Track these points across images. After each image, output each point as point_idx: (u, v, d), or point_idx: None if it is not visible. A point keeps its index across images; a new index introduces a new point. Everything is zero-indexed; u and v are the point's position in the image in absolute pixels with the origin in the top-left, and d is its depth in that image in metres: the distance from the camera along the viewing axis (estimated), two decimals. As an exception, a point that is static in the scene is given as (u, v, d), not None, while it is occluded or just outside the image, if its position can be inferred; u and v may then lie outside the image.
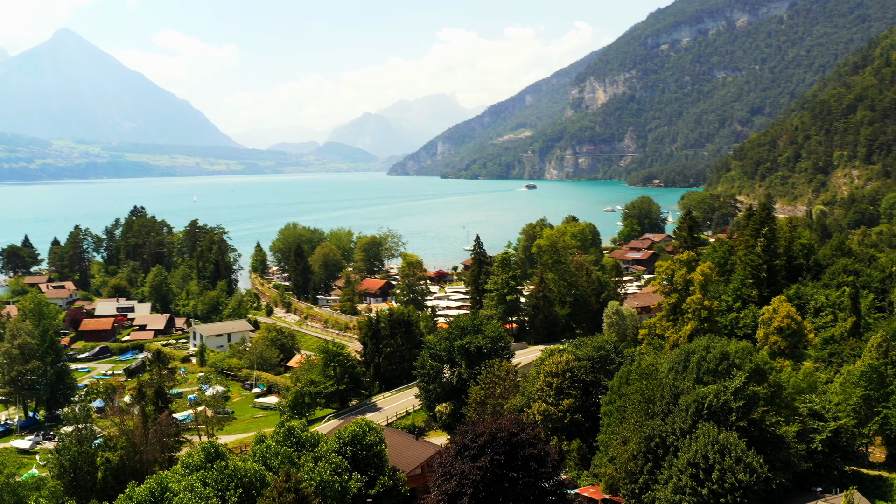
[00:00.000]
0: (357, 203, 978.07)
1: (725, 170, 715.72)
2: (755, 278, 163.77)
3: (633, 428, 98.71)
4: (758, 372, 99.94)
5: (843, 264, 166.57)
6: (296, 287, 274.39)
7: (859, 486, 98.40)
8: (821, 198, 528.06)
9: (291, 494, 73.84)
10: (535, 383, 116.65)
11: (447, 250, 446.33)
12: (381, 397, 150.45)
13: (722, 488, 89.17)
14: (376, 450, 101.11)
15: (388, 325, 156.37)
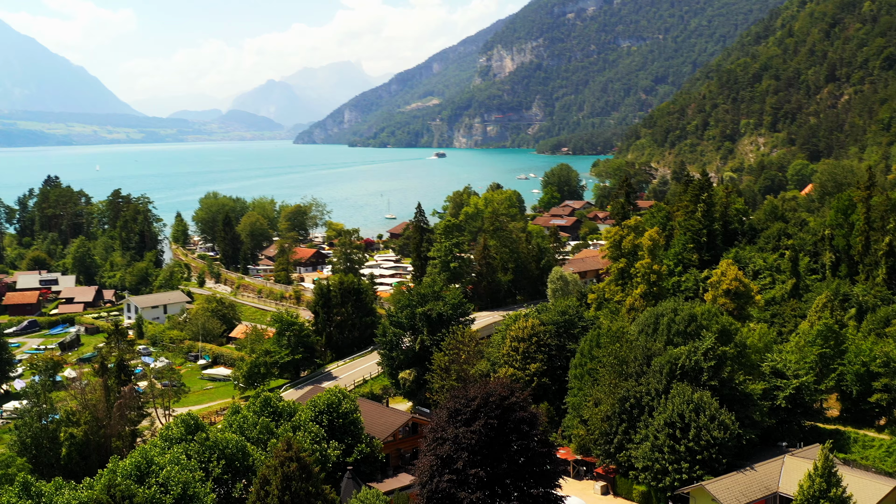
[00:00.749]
0: (268, 172, 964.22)
1: (635, 137, 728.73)
2: (695, 243, 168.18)
3: (606, 390, 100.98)
4: (724, 332, 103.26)
5: (777, 228, 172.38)
6: (224, 257, 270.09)
7: (819, 441, 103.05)
8: (729, 164, 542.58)
9: (294, 463, 73.41)
10: (500, 348, 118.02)
11: (368, 219, 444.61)
12: (335, 366, 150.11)
13: (698, 445, 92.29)
14: (352, 417, 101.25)
15: (338, 293, 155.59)
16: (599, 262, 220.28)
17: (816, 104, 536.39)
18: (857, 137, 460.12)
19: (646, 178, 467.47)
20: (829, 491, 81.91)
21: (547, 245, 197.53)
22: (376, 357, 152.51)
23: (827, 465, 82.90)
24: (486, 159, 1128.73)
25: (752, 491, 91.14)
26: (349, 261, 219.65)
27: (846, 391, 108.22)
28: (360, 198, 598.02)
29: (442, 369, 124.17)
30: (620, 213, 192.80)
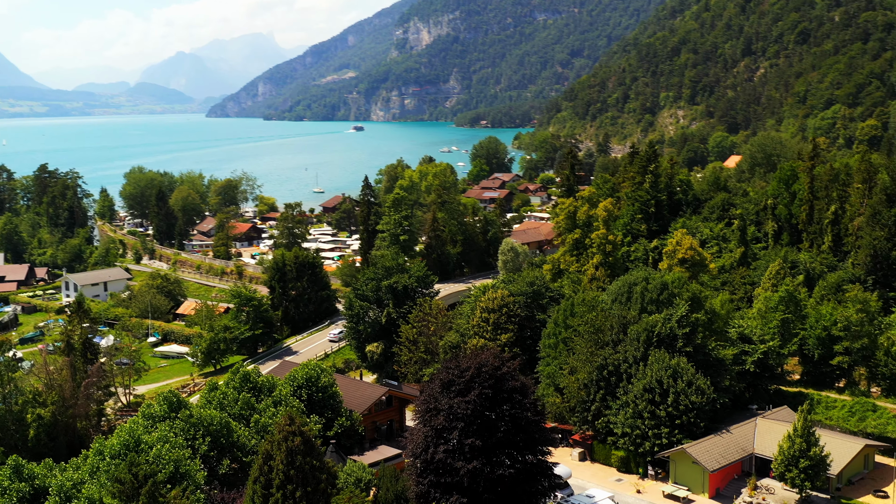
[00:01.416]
0: (184, 146, 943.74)
1: (556, 110, 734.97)
2: (643, 213, 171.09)
3: (583, 358, 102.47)
4: (695, 300, 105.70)
5: (721, 198, 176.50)
6: (158, 233, 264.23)
7: (784, 403, 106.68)
8: (650, 137, 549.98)
9: (298, 437, 72.76)
10: (470, 319, 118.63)
11: (294, 193, 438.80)
12: (293, 341, 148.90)
13: (677, 410, 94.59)
14: (331, 391, 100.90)
15: (293, 267, 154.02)
16: (541, 233, 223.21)
17: (733, 77, 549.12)
18: (774, 110, 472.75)
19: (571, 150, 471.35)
20: (808, 450, 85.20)
21: (493, 217, 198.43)
22: (334, 330, 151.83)
23: (806, 426, 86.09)
24: (405, 133, 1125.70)
25: (730, 453, 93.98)
26: (292, 235, 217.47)
27: (808, 355, 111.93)
28: (282, 172, 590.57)
29: (410, 341, 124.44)
30: (566, 185, 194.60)
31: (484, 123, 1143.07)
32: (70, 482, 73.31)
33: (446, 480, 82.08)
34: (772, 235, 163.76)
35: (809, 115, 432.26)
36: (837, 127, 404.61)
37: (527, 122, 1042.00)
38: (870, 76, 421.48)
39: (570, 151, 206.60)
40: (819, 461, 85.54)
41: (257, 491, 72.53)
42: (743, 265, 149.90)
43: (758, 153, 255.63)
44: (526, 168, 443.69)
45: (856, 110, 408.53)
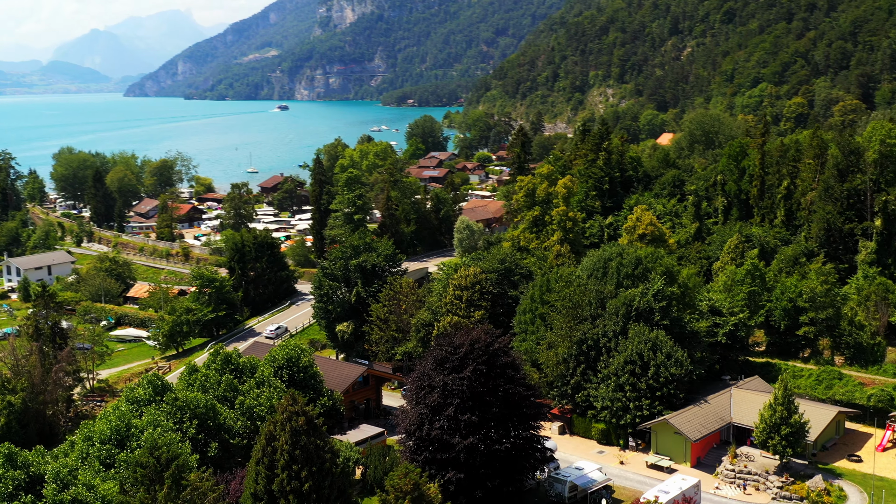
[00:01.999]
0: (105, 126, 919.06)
1: (485, 89, 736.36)
2: (598, 190, 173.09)
3: (562, 333, 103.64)
4: (668, 274, 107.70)
5: (672, 175, 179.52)
6: (96, 215, 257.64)
7: (753, 374, 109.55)
8: (580, 115, 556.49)
9: (301, 417, 72.27)
10: (443, 297, 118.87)
11: (228, 173, 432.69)
12: (255, 322, 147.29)
13: (657, 382, 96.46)
14: (312, 371, 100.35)
15: (252, 248, 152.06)
16: (489, 211, 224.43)
17: (661, 56, 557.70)
18: (703, 88, 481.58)
19: (505, 128, 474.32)
20: (789, 418, 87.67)
21: (445, 195, 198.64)
22: (296, 311, 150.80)
23: (787, 395, 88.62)
24: (332, 112, 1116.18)
25: (709, 422, 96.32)
26: (239, 215, 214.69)
27: (774, 326, 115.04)
28: (211, 152, 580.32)
29: (381, 320, 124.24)
30: (517, 163, 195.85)
31: (411, 102, 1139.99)
32: (66, 469, 71.77)
33: (442, 457, 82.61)
34: (721, 211, 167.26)
35: (737, 93, 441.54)
36: (765, 105, 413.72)
37: (454, 100, 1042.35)
38: (794, 55, 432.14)
39: (521, 129, 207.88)
40: (799, 428, 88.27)
41: (261, 472, 71.97)
42: (698, 240, 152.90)
43: (696, 130, 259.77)
44: (461, 147, 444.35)
45: (782, 88, 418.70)
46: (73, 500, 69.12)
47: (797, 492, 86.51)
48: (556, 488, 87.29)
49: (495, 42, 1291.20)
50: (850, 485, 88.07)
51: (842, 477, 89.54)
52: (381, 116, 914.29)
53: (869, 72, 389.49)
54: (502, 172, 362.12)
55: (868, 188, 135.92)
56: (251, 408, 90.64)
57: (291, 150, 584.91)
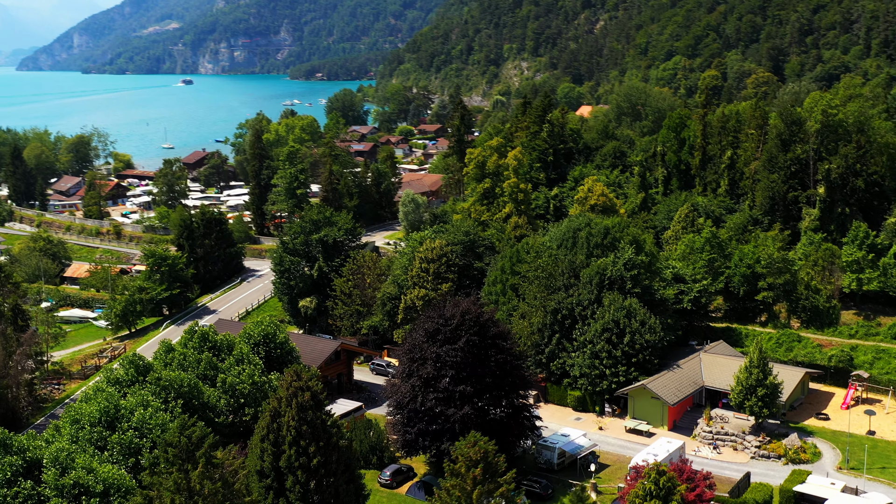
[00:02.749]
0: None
1: (398, 62, 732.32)
2: (542, 162, 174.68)
3: (536, 303, 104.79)
4: (635, 243, 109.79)
5: (612, 146, 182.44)
6: (16, 194, 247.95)
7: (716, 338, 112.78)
8: (496, 88, 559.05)
9: (307, 392, 71.56)
10: (409, 270, 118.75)
11: (142, 149, 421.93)
12: (208, 300, 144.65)
13: (633, 349, 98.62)
14: (288, 347, 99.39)
15: (201, 224, 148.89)
16: (425, 184, 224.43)
17: (575, 30, 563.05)
18: (617, 61, 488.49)
19: (424, 102, 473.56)
20: (765, 380, 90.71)
21: (385, 169, 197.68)
22: (249, 288, 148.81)
23: (762, 358, 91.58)
24: (238, 86, 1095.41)
25: (684, 386, 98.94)
26: (172, 191, 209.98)
27: (733, 292, 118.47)
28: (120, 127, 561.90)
29: (345, 294, 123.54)
30: (457, 136, 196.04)
31: (319, 76, 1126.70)
32: (65, 452, 69.78)
33: (436, 427, 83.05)
34: (662, 181, 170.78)
35: (651, 66, 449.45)
36: (678, 77, 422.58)
37: (363, 74, 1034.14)
38: (706, 28, 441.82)
39: (460, 102, 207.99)
40: (774, 389, 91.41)
41: (266, 449, 71.16)
42: (644, 210, 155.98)
43: (623, 103, 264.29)
44: (381, 121, 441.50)
45: (695, 61, 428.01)
46: (74, 483, 67.29)
47: (775, 450, 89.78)
48: (545, 455, 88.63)
49: (403, 15, 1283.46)
50: (823, 442, 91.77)
51: (813, 435, 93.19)
52: (291, 90, 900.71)
53: (778, 45, 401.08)
54: (426, 146, 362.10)
55: (810, 157, 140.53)
56: (233, 385, 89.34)
57: (204, 125, 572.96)
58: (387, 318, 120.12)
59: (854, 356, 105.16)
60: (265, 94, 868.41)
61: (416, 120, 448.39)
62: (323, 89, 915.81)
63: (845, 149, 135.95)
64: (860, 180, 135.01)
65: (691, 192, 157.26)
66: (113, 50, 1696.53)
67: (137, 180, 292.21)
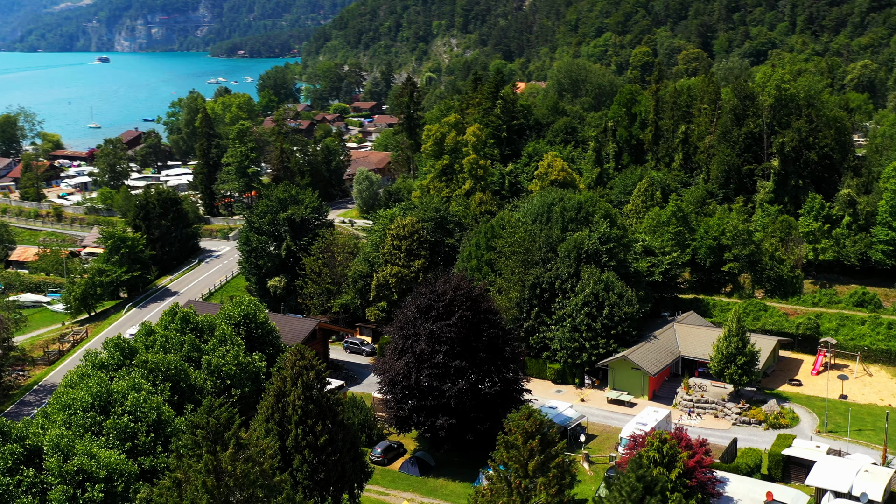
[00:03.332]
0: None
1: (324, 39, 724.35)
2: (496, 139, 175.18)
3: (515, 278, 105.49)
4: (608, 216, 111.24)
5: (564, 122, 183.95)
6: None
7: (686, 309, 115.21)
8: (426, 65, 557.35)
9: (312, 371, 71.02)
10: (381, 248, 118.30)
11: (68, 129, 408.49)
12: (167, 281, 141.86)
13: (612, 321, 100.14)
14: (269, 327, 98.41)
15: (157, 205, 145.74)
16: (372, 161, 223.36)
17: (504, 6, 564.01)
18: (547, 38, 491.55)
19: (356, 79, 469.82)
20: (744, 348, 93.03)
21: (335, 146, 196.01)
22: (208, 269, 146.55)
23: (740, 327, 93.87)
24: (158, 64, 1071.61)
25: (662, 357, 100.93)
26: (114, 171, 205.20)
27: (700, 263, 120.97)
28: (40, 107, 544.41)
29: (315, 273, 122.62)
30: (406, 113, 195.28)
31: (242, 53, 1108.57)
32: (65, 439, 68.14)
33: (431, 403, 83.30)
34: (613, 156, 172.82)
35: (582, 42, 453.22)
36: (609, 54, 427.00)
37: (287, 51, 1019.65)
38: (636, 5, 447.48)
39: (409, 79, 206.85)
40: (752, 357, 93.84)
41: (272, 429, 70.51)
42: (599, 185, 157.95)
43: (564, 79, 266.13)
44: (313, 98, 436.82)
45: (625, 38, 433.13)
46: (77, 470, 65.84)
47: (755, 416, 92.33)
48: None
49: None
50: (799, 407, 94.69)
51: (789, 400, 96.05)
52: (214, 68, 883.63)
53: (707, 21, 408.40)
54: (363, 124, 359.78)
55: (764, 131, 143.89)
56: (219, 367, 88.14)
57: (127, 104, 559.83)
58: (358, 296, 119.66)
59: (820, 324, 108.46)
60: (187, 73, 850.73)
61: (349, 97, 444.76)
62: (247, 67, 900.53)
63: (798, 122, 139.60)
64: (812, 153, 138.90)
65: (643, 167, 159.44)
66: (23, 27, 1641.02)
67: (69, 161, 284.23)
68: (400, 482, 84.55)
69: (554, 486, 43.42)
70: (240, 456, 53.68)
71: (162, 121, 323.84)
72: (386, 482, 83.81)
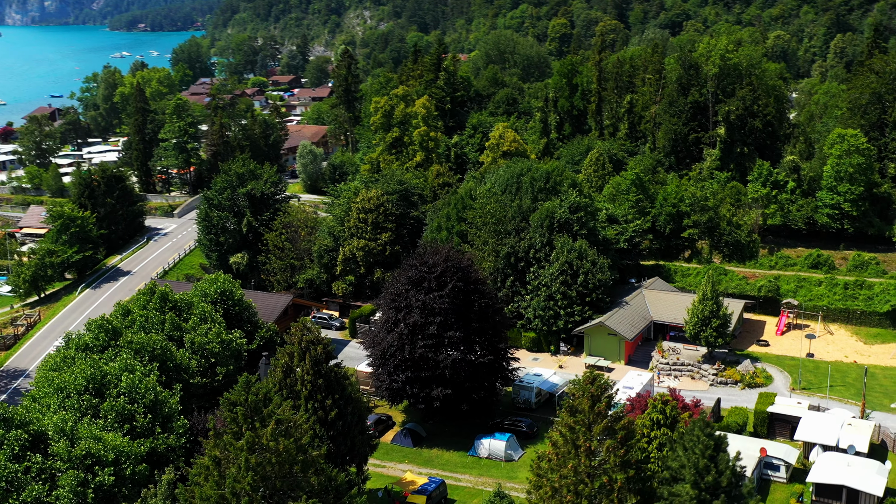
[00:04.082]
0: None
1: (232, 12, 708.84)
2: (439, 110, 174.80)
3: (488, 248, 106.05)
4: (575, 185, 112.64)
5: (505, 94, 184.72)
6: None
7: (649, 275, 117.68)
8: (339, 38, 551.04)
9: (320, 346, 70.34)
10: (346, 221, 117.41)
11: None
12: (117, 260, 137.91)
13: (586, 289, 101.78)
14: (246, 304, 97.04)
15: (102, 183, 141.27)
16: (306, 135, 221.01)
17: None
18: (463, 10, 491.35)
19: (272, 53, 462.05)
20: (718, 311, 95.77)
21: (273, 120, 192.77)
22: (158, 247, 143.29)
23: (714, 291, 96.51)
24: (54, 37, 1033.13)
25: (636, 322, 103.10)
26: (40, 150, 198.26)
27: (659, 230, 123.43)
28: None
29: (279, 248, 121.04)
30: (344, 86, 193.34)
31: (142, 27, 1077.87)
32: (69, 423, 66.27)
33: (425, 374, 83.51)
34: (554, 127, 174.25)
35: (498, 14, 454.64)
36: (526, 25, 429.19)
37: (189, 24, 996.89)
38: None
39: (347, 52, 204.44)
40: (726, 320, 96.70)
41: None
42: (546, 155, 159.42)
43: (492, 50, 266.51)
44: (229, 72, 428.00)
45: (541, 9, 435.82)
46: (86, 454, 64.19)
47: (731, 376, 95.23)
48: (523, 395, 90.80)
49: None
50: (770, 366, 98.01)
51: (760, 360, 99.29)
52: (115, 42, 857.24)
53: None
54: (283, 97, 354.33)
55: (709, 100, 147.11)
56: (202, 345, 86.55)
57: (28, 79, 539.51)
58: (324, 271, 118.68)
59: (779, 286, 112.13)
60: (87, 47, 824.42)
61: (265, 71, 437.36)
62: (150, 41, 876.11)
63: (742, 91, 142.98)
64: (757, 121, 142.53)
65: (587, 137, 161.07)
66: None
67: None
68: (394, 454, 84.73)
69: (622, 448, 44.30)
70: (279, 431, 53.09)
71: (76, 97, 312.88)
72: (380, 454, 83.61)
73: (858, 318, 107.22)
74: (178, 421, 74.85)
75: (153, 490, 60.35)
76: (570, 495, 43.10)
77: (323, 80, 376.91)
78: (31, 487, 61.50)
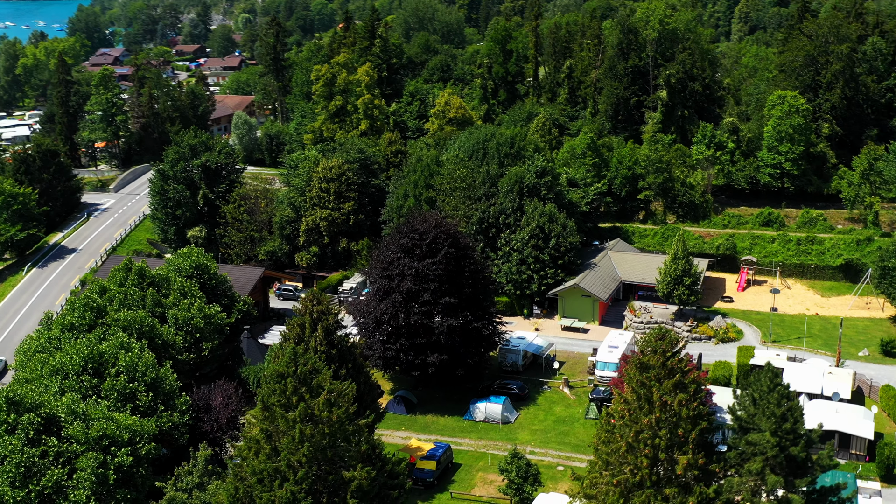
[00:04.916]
0: None
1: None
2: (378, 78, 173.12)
3: (459, 214, 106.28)
4: (538, 150, 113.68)
5: (439, 60, 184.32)
6: None
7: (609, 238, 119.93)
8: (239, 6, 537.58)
9: (331, 316, 69.54)
10: (308, 191, 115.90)
11: None
12: (59, 238, 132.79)
13: (558, 252, 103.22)
14: (221, 277, 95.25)
15: (37, 157, 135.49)
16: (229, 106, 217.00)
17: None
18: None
19: (172, 22, 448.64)
20: (690, 270, 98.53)
21: (201, 91, 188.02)
22: (101, 223, 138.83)
23: (685, 250, 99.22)
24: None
25: (607, 283, 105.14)
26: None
27: (615, 193, 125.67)
28: None
29: (237, 221, 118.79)
30: (273, 55, 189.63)
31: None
32: (80, 404, 64.25)
33: (420, 341, 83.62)
34: (490, 92, 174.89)
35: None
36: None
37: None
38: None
39: (274, 19, 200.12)
40: (696, 278, 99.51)
41: (292, 377, 68.87)
42: (488, 121, 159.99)
43: (411, 18, 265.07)
44: (128, 42, 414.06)
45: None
46: (102, 435, 62.43)
47: (705, 332, 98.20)
48: (510, 358, 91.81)
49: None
50: (739, 321, 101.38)
51: (727, 316, 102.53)
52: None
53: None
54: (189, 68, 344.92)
55: (649, 64, 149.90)
56: (187, 321, 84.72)
57: None
58: (286, 242, 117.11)
59: (735, 244, 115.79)
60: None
61: (167, 41, 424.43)
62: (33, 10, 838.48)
63: (682, 55, 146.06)
64: (696, 84, 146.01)
65: (525, 102, 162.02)
66: None
67: None
68: (389, 421, 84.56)
69: (695, 402, 45.54)
70: (332, 401, 52.63)
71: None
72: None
73: (813, 272, 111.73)
74: (179, 398, 73.38)
75: (188, 467, 59.13)
76: (648, 449, 44.14)
77: (230, 49, 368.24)
78: (52, 472, 59.57)
